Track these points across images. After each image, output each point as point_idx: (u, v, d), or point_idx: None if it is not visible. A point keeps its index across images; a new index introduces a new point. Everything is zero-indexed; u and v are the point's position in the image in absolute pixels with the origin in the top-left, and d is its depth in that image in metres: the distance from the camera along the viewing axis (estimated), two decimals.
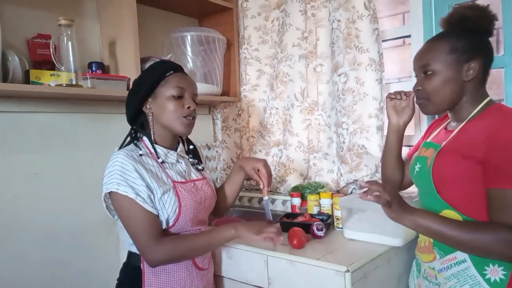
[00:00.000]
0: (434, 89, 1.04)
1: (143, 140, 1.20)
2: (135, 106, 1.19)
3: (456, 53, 1.02)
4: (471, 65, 1.01)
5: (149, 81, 1.18)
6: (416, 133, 1.70)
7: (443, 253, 1.04)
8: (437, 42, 1.06)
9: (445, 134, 1.10)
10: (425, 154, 1.11)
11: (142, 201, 1.07)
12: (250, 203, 2.05)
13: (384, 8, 1.85)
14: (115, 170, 1.08)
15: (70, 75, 1.40)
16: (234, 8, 2.06)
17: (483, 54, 1.03)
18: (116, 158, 1.10)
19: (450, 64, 1.02)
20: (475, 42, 1.02)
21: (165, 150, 1.20)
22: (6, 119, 1.44)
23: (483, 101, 1.04)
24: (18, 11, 1.47)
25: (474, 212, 0.98)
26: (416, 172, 1.13)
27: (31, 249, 1.49)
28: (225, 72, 2.09)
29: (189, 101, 1.19)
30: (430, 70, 1.04)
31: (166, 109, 1.16)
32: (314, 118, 1.85)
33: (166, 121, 1.18)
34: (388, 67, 1.73)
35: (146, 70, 1.26)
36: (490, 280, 0.96)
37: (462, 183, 0.99)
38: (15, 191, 1.46)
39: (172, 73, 1.19)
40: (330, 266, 1.10)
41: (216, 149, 2.25)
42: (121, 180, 1.07)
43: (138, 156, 1.13)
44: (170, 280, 1.15)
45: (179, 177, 1.20)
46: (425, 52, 1.08)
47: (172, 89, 1.17)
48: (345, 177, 1.72)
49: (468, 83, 1.03)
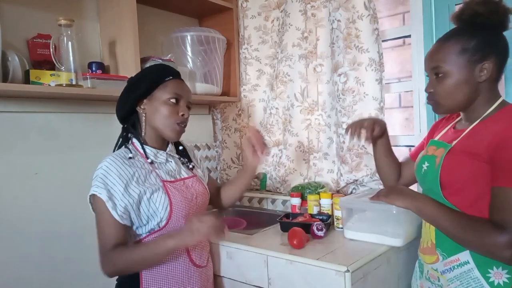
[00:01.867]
0: (446, 92, 1.01)
1: (133, 142, 1.22)
2: (130, 105, 1.20)
3: (468, 53, 0.98)
4: (485, 65, 0.97)
5: (148, 81, 1.19)
6: (416, 133, 1.70)
7: (446, 255, 1.04)
8: (447, 41, 1.01)
9: (454, 133, 1.08)
10: (434, 153, 1.08)
11: (112, 207, 1.09)
12: (250, 203, 2.05)
13: (384, 8, 1.85)
14: (99, 174, 1.11)
15: (70, 75, 1.40)
16: (234, 8, 2.06)
17: (497, 52, 0.99)
18: (103, 162, 1.13)
19: (462, 65, 0.98)
20: (488, 39, 0.98)
21: (155, 151, 1.22)
22: (6, 119, 1.44)
23: (496, 101, 1.01)
24: (18, 11, 1.47)
25: (477, 214, 0.97)
26: (423, 171, 1.10)
27: (31, 249, 1.49)
28: (225, 72, 2.09)
29: (184, 108, 1.21)
30: (442, 72, 1.01)
31: (160, 113, 1.18)
32: (314, 118, 1.85)
33: (158, 124, 1.19)
34: (388, 67, 1.73)
35: (146, 71, 1.26)
36: (493, 283, 0.95)
37: (470, 184, 0.98)
38: (15, 191, 1.46)
39: (171, 79, 1.21)
40: (330, 266, 1.10)
41: (216, 149, 2.25)
42: (101, 184, 1.10)
43: (127, 159, 1.15)
44: (168, 278, 1.16)
45: (169, 176, 1.21)
46: (436, 52, 1.03)
47: (169, 94, 1.18)
48: (345, 177, 1.72)
49: (481, 84, 0.99)
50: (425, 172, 1.10)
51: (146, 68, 1.28)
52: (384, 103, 1.63)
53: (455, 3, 1.56)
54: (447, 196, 1.02)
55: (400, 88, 1.75)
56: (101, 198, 1.09)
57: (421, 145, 1.26)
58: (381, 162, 1.31)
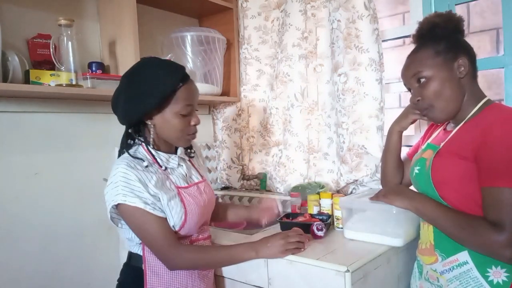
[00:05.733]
0: (434, 93, 1.03)
1: (143, 147, 1.15)
2: (137, 118, 1.11)
3: (441, 54, 1.03)
4: (460, 61, 1.02)
5: (160, 95, 1.08)
6: (416, 133, 1.70)
7: (445, 255, 1.04)
8: (418, 52, 1.08)
9: (444, 135, 1.10)
10: (424, 155, 1.11)
11: (151, 209, 1.06)
12: (250, 203, 2.05)
13: (384, 8, 1.85)
14: (119, 182, 1.05)
15: (70, 75, 1.40)
16: (234, 8, 2.06)
17: (466, 50, 1.04)
18: (118, 168, 1.06)
19: (440, 65, 1.02)
20: (453, 42, 1.04)
21: (166, 156, 1.17)
22: (6, 119, 1.44)
23: (481, 101, 1.04)
24: (18, 11, 1.47)
25: (474, 212, 0.98)
26: (415, 174, 1.12)
27: (31, 249, 1.49)
28: (225, 72, 2.09)
29: (195, 117, 1.16)
30: (423, 76, 1.04)
31: (172, 126, 1.12)
32: (314, 118, 1.85)
33: (169, 136, 1.14)
34: (388, 67, 1.73)
35: (155, 78, 1.09)
36: (492, 282, 0.96)
37: (461, 183, 0.99)
38: (15, 191, 1.46)
39: (181, 86, 1.11)
40: (330, 266, 1.10)
41: (216, 149, 2.25)
42: (127, 191, 1.05)
43: (143, 167, 1.09)
44: (172, 281, 1.14)
45: (182, 181, 1.18)
46: (411, 63, 1.08)
47: (181, 107, 1.11)
48: (345, 177, 1.72)
49: (463, 80, 1.03)
50: (417, 175, 1.12)
51: (154, 74, 1.10)
52: (384, 103, 1.63)
53: (455, 3, 1.57)
54: (442, 196, 1.03)
55: (400, 88, 1.75)
56: (136, 206, 1.04)
57: (417, 146, 1.28)
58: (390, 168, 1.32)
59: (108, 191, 1.08)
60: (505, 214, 0.89)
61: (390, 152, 1.29)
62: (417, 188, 1.16)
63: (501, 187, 0.90)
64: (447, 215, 0.99)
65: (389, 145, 1.29)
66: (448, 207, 1.00)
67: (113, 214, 1.11)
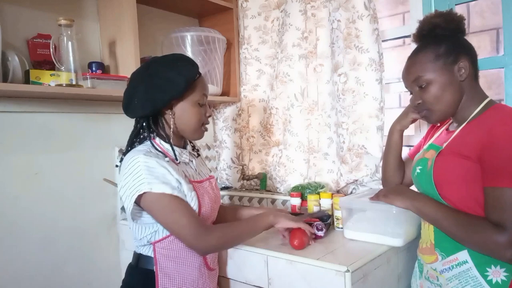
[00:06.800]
0: (434, 97, 1.04)
1: (155, 140, 1.14)
2: (163, 104, 1.10)
3: (442, 57, 1.03)
4: (460, 64, 1.02)
5: (185, 80, 1.09)
6: (416, 134, 1.70)
7: (445, 254, 1.04)
8: (418, 55, 1.07)
9: (446, 135, 1.10)
10: (426, 156, 1.11)
11: (179, 193, 1.06)
12: (250, 203, 2.05)
13: (384, 8, 1.85)
14: (141, 171, 1.02)
15: (70, 75, 1.40)
16: (234, 8, 2.06)
17: (467, 51, 1.05)
18: (137, 158, 1.04)
19: (441, 69, 1.03)
20: (454, 43, 1.04)
21: (179, 150, 1.17)
22: (6, 119, 1.44)
23: (483, 101, 1.04)
24: (18, 11, 1.47)
25: (475, 213, 0.98)
26: (416, 174, 1.12)
27: (31, 249, 1.49)
28: (225, 72, 2.09)
29: (208, 108, 1.19)
30: (424, 81, 1.05)
31: (191, 115, 1.13)
32: (314, 118, 1.85)
33: (186, 126, 1.15)
34: (388, 67, 1.73)
35: (176, 66, 1.11)
36: (492, 282, 0.96)
37: (463, 184, 0.99)
38: (15, 191, 1.46)
39: (199, 76, 1.16)
40: (330, 266, 1.10)
41: (216, 149, 2.25)
42: (152, 179, 1.02)
43: (163, 159, 1.08)
44: (184, 282, 1.13)
45: (196, 175, 1.19)
46: (411, 67, 1.08)
47: (200, 96, 1.14)
48: (345, 177, 1.72)
49: (463, 83, 1.04)
50: (418, 175, 1.12)
51: (174, 64, 1.12)
52: (384, 103, 1.63)
53: (455, 3, 1.56)
54: (444, 196, 1.03)
55: (400, 88, 1.75)
56: (164, 192, 1.02)
57: (419, 146, 1.28)
58: (391, 167, 1.31)
59: (127, 183, 1.04)
60: (507, 215, 0.90)
61: (391, 151, 1.29)
62: (418, 188, 1.16)
63: (504, 188, 0.90)
64: (448, 215, 0.99)
65: (390, 144, 1.29)
66: (449, 207, 1.01)
67: (134, 208, 1.07)
